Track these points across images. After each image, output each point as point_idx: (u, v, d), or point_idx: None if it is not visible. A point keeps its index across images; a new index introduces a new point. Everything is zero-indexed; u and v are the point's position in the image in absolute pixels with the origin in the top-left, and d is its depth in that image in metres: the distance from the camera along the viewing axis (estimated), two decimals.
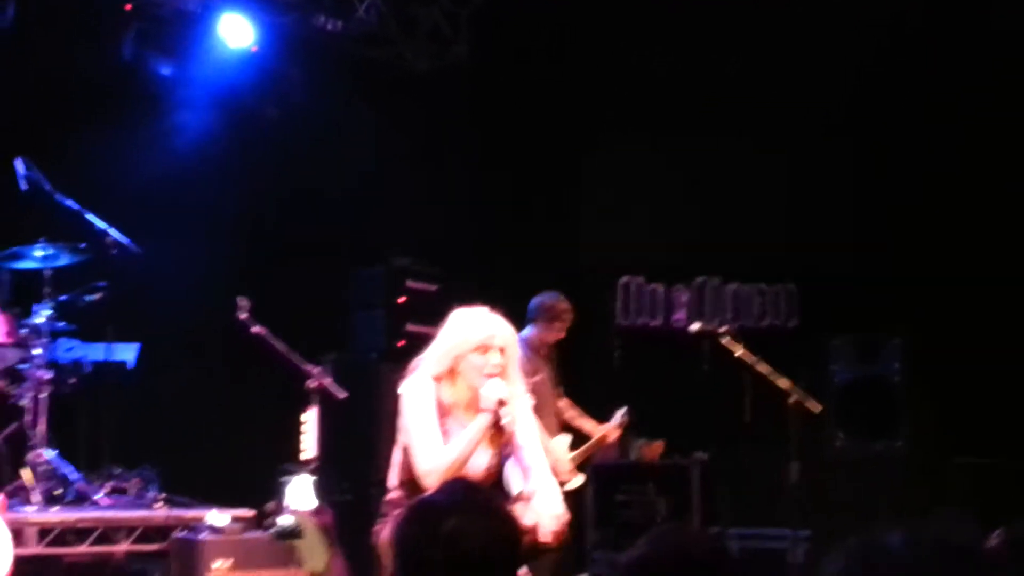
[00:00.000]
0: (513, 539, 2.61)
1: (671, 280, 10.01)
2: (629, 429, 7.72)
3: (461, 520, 2.49)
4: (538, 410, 5.35)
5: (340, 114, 8.94)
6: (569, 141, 10.00)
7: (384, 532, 4.93)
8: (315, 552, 3.06)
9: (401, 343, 8.30)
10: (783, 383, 6.82)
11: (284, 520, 3.14)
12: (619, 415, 7.40)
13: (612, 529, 8.83)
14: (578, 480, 7.28)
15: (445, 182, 9.48)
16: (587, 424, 7.50)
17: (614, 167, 10.15)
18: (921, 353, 8.79)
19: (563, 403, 7.52)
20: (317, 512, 3.15)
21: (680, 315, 9.95)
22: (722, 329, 7.23)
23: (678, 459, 9.12)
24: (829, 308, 9.37)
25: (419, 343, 8.07)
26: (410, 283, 8.60)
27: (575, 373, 7.78)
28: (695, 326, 7.60)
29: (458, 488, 2.77)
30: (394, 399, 7.70)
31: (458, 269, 8.77)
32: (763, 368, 6.88)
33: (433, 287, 8.65)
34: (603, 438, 7.41)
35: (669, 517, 8.79)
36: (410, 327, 8.40)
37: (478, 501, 2.61)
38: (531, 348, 7.10)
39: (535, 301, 7.38)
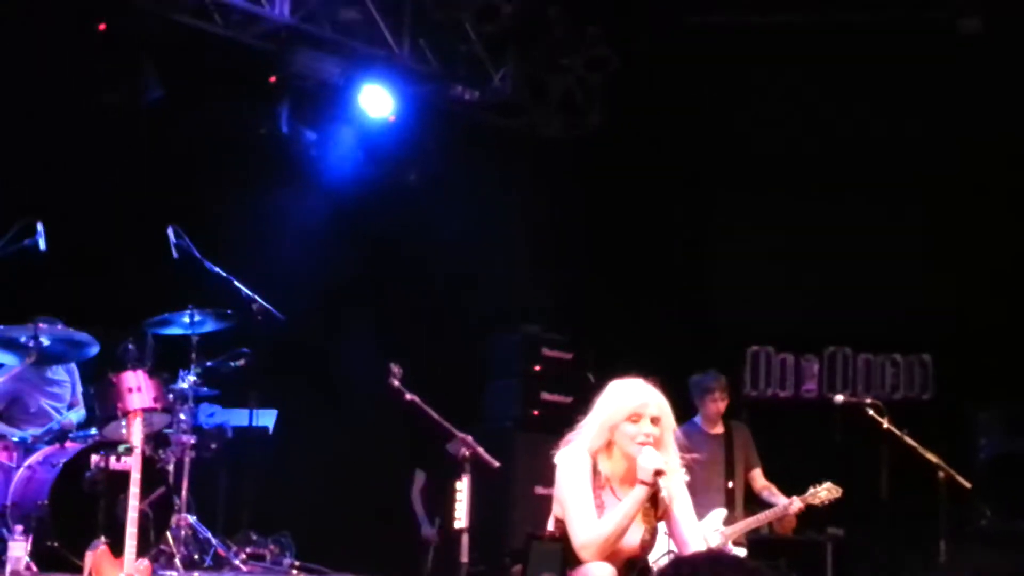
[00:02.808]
0: None
1: (801, 350, 9.85)
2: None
3: None
4: (693, 487, 5.24)
5: (474, 182, 9.00)
6: (698, 209, 9.93)
7: None
8: None
9: (536, 412, 8.27)
10: (932, 457, 6.63)
11: None
12: (811, 491, 7.28)
13: None
14: (739, 553, 7.17)
15: (575, 250, 9.47)
16: (776, 498, 7.46)
17: (743, 236, 10.04)
18: None
19: (756, 474, 7.70)
20: None
21: (811, 386, 9.78)
22: (868, 400, 7.08)
23: (812, 534, 8.87)
24: (965, 379, 9.11)
25: (554, 412, 8.04)
26: (545, 351, 8.56)
27: None
28: (839, 397, 7.45)
29: (713, 552, 2.78)
30: (528, 468, 7.70)
31: (589, 338, 8.72)
32: (910, 441, 6.70)
33: (568, 355, 8.61)
34: (783, 509, 7.31)
35: None
36: (544, 396, 8.37)
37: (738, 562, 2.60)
38: (699, 428, 7.53)
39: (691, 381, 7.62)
